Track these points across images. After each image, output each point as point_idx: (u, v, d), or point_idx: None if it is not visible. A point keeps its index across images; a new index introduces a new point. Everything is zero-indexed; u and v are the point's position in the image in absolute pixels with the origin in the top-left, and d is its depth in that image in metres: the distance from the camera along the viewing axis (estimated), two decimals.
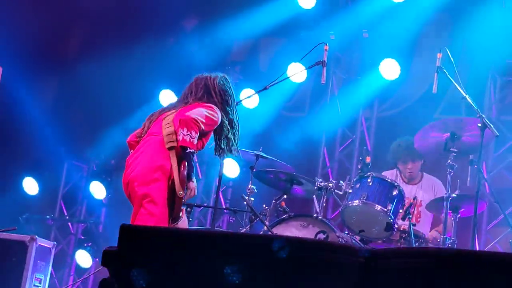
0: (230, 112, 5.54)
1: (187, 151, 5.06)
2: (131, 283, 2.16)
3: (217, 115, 5.33)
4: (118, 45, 10.04)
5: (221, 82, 5.61)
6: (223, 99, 5.50)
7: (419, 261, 2.11)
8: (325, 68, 6.73)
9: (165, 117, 5.36)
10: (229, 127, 5.50)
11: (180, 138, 5.05)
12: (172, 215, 5.10)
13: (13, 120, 9.24)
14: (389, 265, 2.10)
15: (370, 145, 9.34)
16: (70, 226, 10.45)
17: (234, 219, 8.37)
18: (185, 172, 5.06)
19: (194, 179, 5.23)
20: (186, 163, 5.07)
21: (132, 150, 5.41)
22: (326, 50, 6.74)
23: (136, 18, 10.18)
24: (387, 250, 2.35)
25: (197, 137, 5.10)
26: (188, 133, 5.03)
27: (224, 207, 6.79)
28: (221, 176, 6.27)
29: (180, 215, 5.15)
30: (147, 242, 2.25)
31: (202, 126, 5.16)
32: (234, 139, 5.58)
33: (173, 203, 5.08)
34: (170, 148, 5.12)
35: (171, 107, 5.56)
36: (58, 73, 10.84)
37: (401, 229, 6.39)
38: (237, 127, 5.64)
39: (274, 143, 9.17)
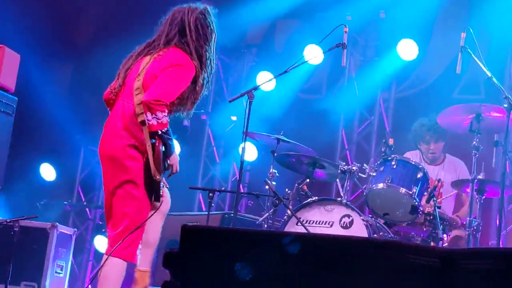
0: (208, 49, 4.94)
1: (159, 133, 4.65)
2: (194, 285, 2.11)
3: (190, 69, 4.82)
4: (133, 29, 9.97)
5: (201, 16, 4.96)
6: (199, 34, 4.90)
7: (502, 262, 2.01)
8: (345, 50, 6.66)
9: (137, 75, 4.87)
10: (201, 71, 4.92)
11: (147, 124, 4.60)
12: (152, 197, 4.74)
13: (30, 106, 9.20)
14: (467, 266, 2.01)
15: (388, 126, 9.29)
16: (88, 212, 10.44)
17: (252, 203, 8.34)
18: (161, 147, 4.66)
19: (174, 153, 4.80)
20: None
21: (109, 108, 4.99)
22: (346, 32, 6.66)
23: (150, 1, 10.11)
24: (465, 250, 2.24)
25: (165, 113, 4.63)
26: (154, 116, 4.58)
27: (246, 191, 6.75)
28: (242, 161, 6.20)
29: (161, 193, 4.76)
30: (210, 242, 2.19)
31: (169, 100, 4.69)
32: (204, 85, 4.97)
33: (150, 184, 4.72)
34: (142, 123, 4.69)
35: (147, 50, 5.01)
36: (73, 59, 10.81)
37: (426, 211, 6.33)
38: (210, 70, 5.00)
39: (291, 126, 9.11)
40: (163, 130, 4.64)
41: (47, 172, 10.35)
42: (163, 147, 4.68)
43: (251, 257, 2.08)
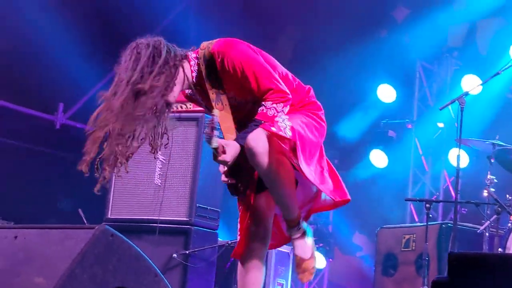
0: None
1: None
2: None
3: None
4: (331, 43, 10.06)
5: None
6: None
7: None
8: None
9: None
10: None
11: None
12: None
13: None
14: None
15: None
16: None
17: (466, 210, 8.07)
18: None
19: None
20: None
21: None
22: None
23: (345, 15, 10.12)
24: None
25: None
26: None
27: (465, 200, 6.54)
28: (458, 170, 6.01)
29: None
30: (479, 270, 2.10)
31: None
32: None
33: None
34: None
35: None
36: None
37: None
38: None
39: (502, 129, 8.76)
40: None
41: None
42: None
43: None
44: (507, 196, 6.51)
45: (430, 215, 6.78)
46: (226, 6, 10.67)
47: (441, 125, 9.63)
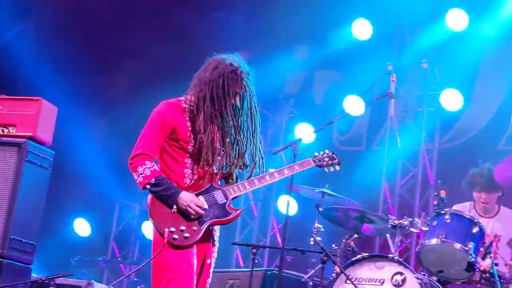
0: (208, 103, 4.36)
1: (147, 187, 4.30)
2: None
3: (157, 115, 4.39)
4: (166, 82, 9.92)
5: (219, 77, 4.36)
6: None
7: None
8: (393, 100, 6.53)
9: None
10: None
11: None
12: None
13: (66, 161, 9.03)
14: None
15: (432, 178, 8.97)
16: (123, 268, 10.18)
17: (291, 258, 8.02)
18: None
19: (178, 198, 4.27)
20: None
21: None
22: (393, 81, 6.56)
23: (183, 59, 10.00)
24: None
25: (148, 165, 4.26)
26: (137, 173, 4.30)
27: (291, 247, 6.43)
28: (287, 216, 5.90)
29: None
30: None
31: (143, 150, 4.31)
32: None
33: None
34: None
35: None
36: (108, 112, 10.69)
37: (482, 269, 5.99)
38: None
39: (329, 179, 8.85)
40: (151, 182, 4.27)
41: (82, 227, 10.15)
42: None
43: None
44: (333, 245, 6.51)
45: (256, 261, 6.65)
46: None
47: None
